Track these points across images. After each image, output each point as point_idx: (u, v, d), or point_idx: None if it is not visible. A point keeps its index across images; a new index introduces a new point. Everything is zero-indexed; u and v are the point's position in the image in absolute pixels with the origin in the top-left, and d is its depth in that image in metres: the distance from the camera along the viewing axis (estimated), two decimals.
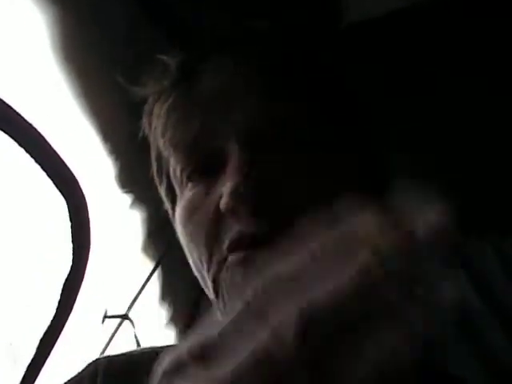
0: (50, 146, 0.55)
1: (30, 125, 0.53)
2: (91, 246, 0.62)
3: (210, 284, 0.43)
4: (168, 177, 0.49)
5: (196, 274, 0.47)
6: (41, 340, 0.60)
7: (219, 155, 0.43)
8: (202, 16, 0.55)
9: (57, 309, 0.61)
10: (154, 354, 0.53)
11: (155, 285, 0.91)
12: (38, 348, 0.60)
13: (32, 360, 0.60)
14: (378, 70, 0.75)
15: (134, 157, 0.74)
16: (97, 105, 0.65)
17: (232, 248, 0.40)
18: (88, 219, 0.61)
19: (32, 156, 0.54)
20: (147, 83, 0.49)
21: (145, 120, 0.51)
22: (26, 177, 0.59)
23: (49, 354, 0.60)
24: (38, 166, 0.55)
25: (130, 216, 0.79)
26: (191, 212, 0.44)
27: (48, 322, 0.60)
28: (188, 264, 0.47)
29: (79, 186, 0.59)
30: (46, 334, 0.60)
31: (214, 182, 0.43)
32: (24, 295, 0.70)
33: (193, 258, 0.46)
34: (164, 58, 0.48)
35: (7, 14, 0.51)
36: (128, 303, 0.86)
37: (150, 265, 0.89)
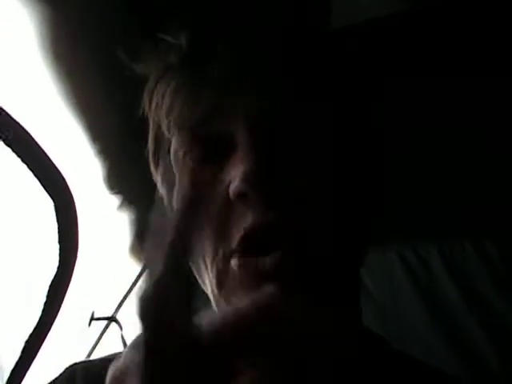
0: (38, 145, 0.55)
1: (18, 124, 0.52)
2: (78, 247, 0.62)
3: (211, 276, 0.41)
4: (167, 160, 0.46)
5: (192, 265, 0.43)
6: (26, 342, 0.60)
7: (227, 139, 0.41)
8: None
9: (43, 310, 0.60)
10: None
11: None
12: (24, 350, 0.59)
13: (17, 362, 0.59)
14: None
15: (123, 157, 0.73)
16: (85, 104, 0.64)
17: (247, 239, 0.38)
18: (76, 220, 0.60)
19: (19, 155, 0.53)
20: (150, 60, 0.46)
21: (145, 98, 0.47)
22: (13, 177, 0.59)
23: (34, 356, 0.60)
24: (25, 166, 0.55)
25: (117, 217, 0.79)
26: None
27: (34, 324, 0.60)
28: None
29: (67, 187, 0.59)
30: (31, 335, 0.60)
31: (221, 169, 0.41)
32: (9, 296, 0.69)
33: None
34: (170, 34, 0.44)
35: None
36: (115, 305, 0.85)
37: (138, 266, 0.88)
